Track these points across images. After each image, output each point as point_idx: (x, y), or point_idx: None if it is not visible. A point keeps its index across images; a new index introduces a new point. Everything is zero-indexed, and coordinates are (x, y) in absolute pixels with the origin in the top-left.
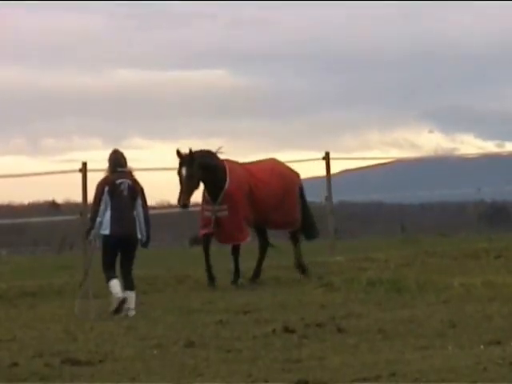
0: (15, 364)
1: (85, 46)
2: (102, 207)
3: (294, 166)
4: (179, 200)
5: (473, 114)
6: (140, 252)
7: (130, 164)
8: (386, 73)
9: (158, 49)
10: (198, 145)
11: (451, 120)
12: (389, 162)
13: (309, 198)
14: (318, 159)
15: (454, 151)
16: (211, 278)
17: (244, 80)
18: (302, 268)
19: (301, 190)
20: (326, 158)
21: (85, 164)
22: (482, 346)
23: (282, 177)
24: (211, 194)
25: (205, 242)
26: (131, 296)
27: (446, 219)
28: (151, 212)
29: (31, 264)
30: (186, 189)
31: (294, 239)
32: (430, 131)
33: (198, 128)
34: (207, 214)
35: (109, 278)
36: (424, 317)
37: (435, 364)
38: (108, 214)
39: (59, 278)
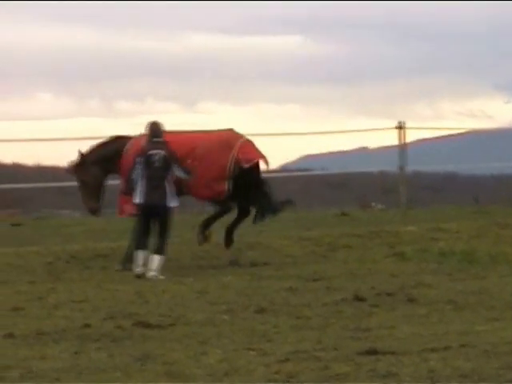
0: (87, 325)
1: (162, 9)
2: (133, 177)
3: (368, 135)
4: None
5: None
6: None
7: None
8: (464, 43)
9: (236, 14)
10: (272, 110)
11: None
12: (463, 133)
13: (382, 167)
14: (393, 128)
15: None
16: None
17: (320, 47)
18: (228, 241)
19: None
20: (401, 127)
21: None
22: None
23: (195, 145)
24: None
25: None
26: (155, 258)
27: None
28: None
29: (104, 226)
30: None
31: (242, 213)
32: (507, 102)
33: (273, 94)
34: None
35: (136, 247)
36: (495, 289)
37: (506, 336)
38: (140, 183)
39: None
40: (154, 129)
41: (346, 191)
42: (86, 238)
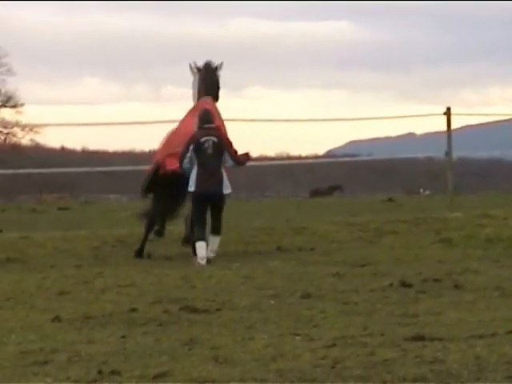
0: (134, 309)
1: None
2: (187, 164)
3: (415, 121)
4: None
5: None
6: (259, 202)
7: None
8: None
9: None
10: (318, 96)
11: None
12: (509, 119)
13: (428, 153)
14: (439, 114)
15: None
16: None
17: (366, 33)
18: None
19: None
20: (448, 113)
21: None
22: None
23: None
24: None
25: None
26: (214, 239)
27: None
28: (271, 163)
29: None
30: None
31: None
32: None
33: (319, 79)
34: None
35: (197, 238)
36: None
37: None
38: (194, 171)
39: (178, 226)
40: (205, 114)
41: (393, 177)
42: (133, 223)
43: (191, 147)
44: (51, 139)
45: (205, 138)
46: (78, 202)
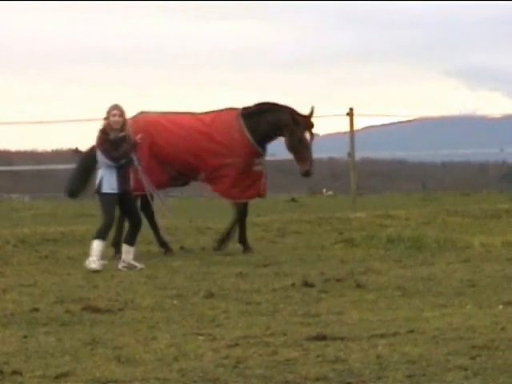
0: (36, 309)
1: None
2: None
3: (318, 121)
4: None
5: (500, 73)
6: (162, 202)
7: None
8: (414, 30)
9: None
10: (225, 97)
11: (477, 78)
12: (412, 120)
13: (331, 153)
14: (342, 115)
15: (479, 111)
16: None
17: (267, 33)
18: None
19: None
20: (350, 113)
21: None
22: (500, 306)
23: None
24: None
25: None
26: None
27: (467, 179)
28: None
29: (53, 210)
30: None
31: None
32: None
33: (223, 79)
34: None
35: None
36: (443, 275)
37: (453, 322)
38: None
39: (81, 226)
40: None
41: (296, 177)
42: (35, 222)
43: None
44: None
45: None
46: None
